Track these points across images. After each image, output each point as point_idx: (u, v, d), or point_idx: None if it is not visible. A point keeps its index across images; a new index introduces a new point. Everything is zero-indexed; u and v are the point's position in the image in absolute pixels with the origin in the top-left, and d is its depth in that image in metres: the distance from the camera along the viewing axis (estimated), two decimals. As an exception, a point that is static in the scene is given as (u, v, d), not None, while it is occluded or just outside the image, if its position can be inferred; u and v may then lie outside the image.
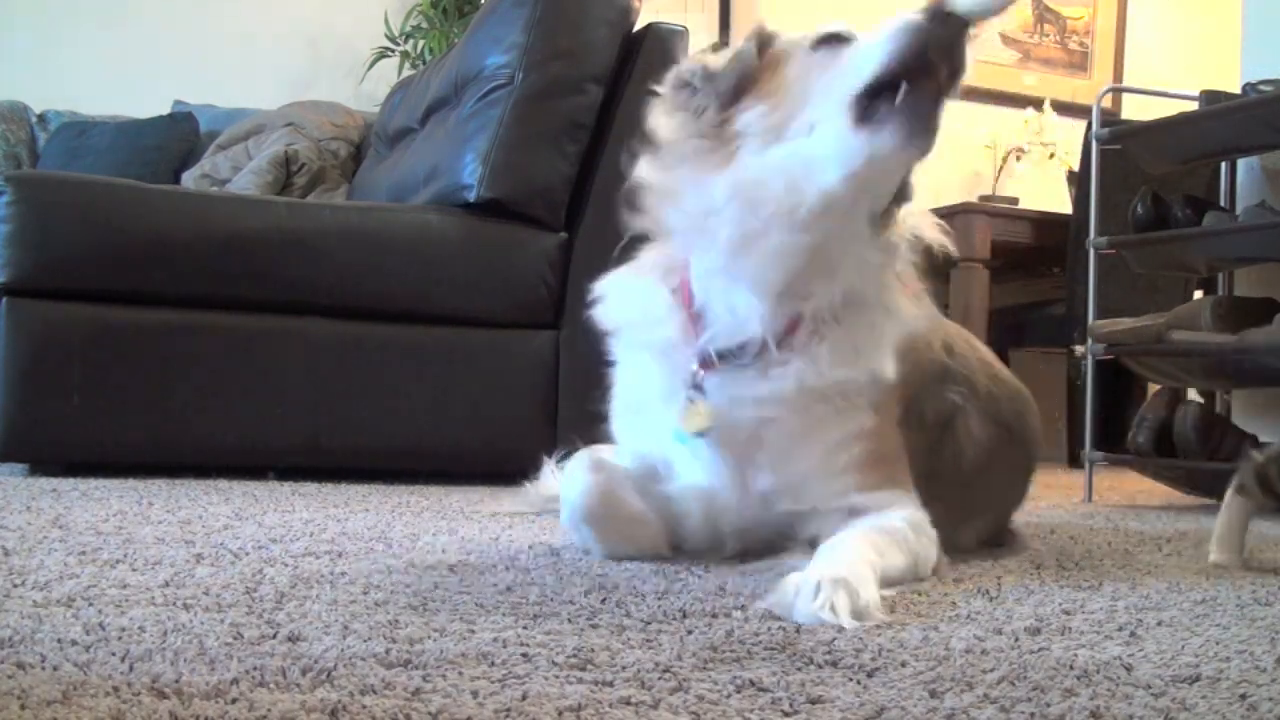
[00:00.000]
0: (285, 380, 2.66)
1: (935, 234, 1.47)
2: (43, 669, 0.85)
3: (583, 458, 1.51)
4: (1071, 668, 0.96)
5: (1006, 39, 5.71)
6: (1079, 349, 3.30)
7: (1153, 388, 3.59)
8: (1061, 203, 5.02)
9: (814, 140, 1.31)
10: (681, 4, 5.66)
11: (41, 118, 4.83)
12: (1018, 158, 5.34)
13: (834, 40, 1.34)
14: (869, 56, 1.28)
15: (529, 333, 2.82)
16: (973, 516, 1.63)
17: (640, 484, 1.47)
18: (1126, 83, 5.67)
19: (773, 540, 1.44)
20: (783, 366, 1.37)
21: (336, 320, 2.72)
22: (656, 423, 1.45)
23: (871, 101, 1.27)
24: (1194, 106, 3.20)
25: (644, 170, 1.43)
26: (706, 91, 1.38)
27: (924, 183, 1.40)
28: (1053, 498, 2.87)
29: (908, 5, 1.20)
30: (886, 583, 1.25)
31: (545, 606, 1.16)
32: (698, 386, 1.39)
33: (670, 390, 1.42)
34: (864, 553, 1.25)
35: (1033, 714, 0.82)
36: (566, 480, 1.50)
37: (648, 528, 1.46)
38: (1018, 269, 4.93)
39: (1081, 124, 4.52)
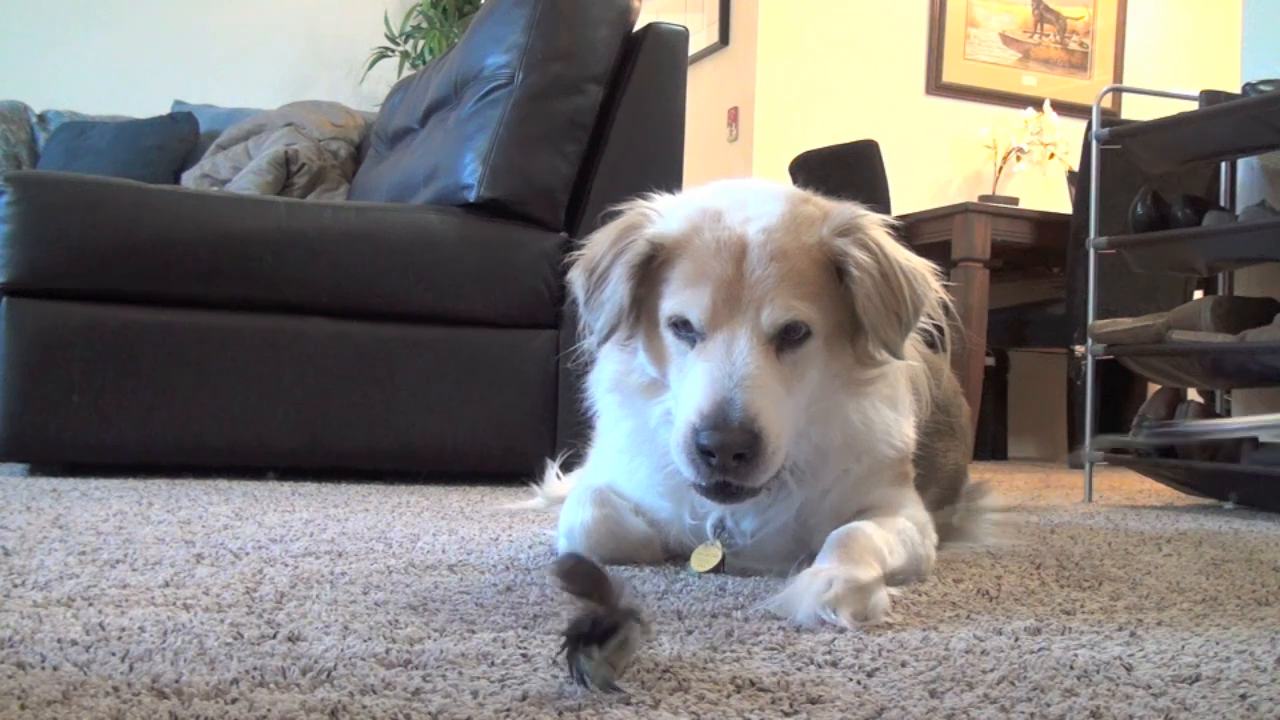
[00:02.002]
0: (285, 380, 2.66)
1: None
2: (43, 669, 0.85)
3: (583, 491, 1.52)
4: (1071, 668, 0.96)
5: (1006, 39, 5.71)
6: (1079, 349, 3.29)
7: (1153, 388, 3.58)
8: (1061, 203, 5.02)
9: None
10: (681, 4, 5.66)
11: (41, 118, 4.83)
12: (1018, 158, 5.34)
13: (682, 325, 1.28)
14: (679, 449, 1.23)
15: (529, 333, 2.82)
16: (928, 485, 1.65)
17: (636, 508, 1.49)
18: (1126, 83, 5.68)
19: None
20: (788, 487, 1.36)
21: (336, 320, 2.71)
22: (659, 511, 1.47)
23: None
24: (1194, 106, 3.20)
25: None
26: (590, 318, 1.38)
27: (925, 183, 1.39)
28: (1053, 498, 2.87)
29: (903, 7, 1.17)
30: (891, 582, 1.25)
31: (545, 606, 1.16)
32: (715, 526, 1.40)
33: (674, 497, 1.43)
34: (875, 551, 1.25)
35: (1033, 714, 0.82)
36: (569, 512, 1.50)
37: (651, 547, 1.47)
38: (1018, 269, 4.93)
39: (1081, 124, 4.52)
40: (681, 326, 1.28)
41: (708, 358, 1.24)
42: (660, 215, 1.35)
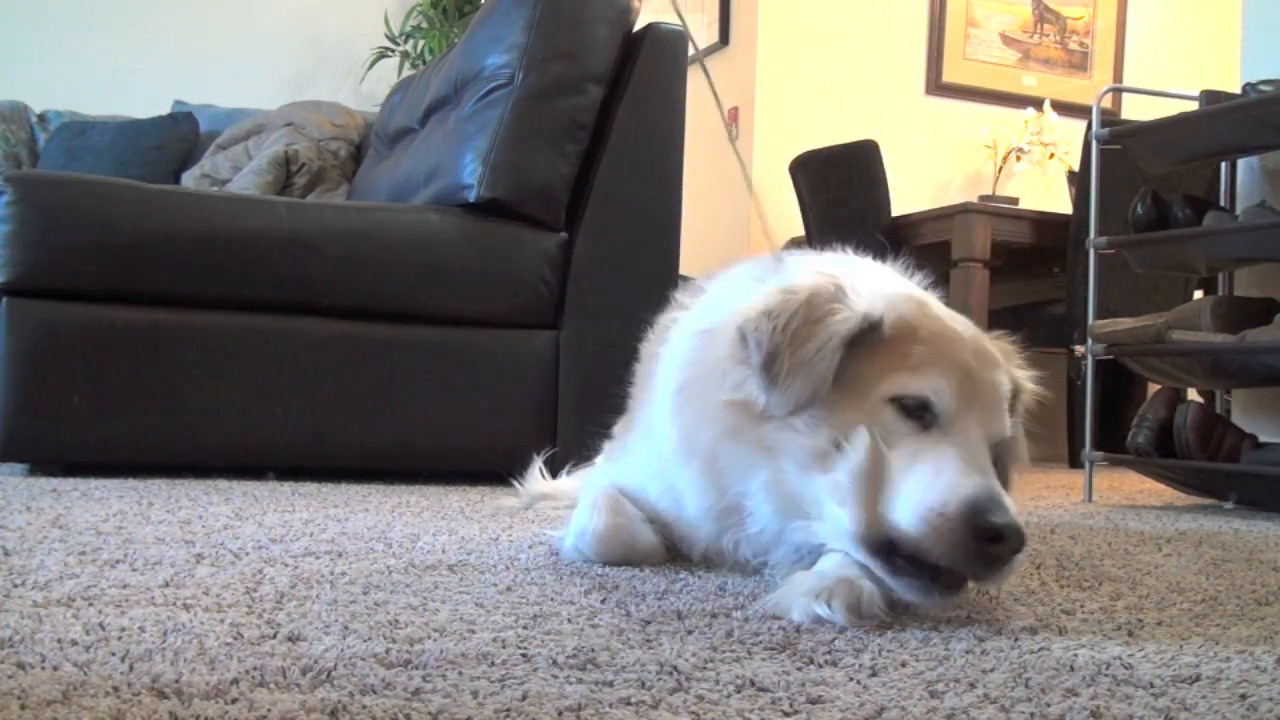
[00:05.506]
0: (285, 380, 2.66)
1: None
2: (43, 669, 0.85)
3: (598, 496, 1.52)
4: (1072, 668, 0.96)
5: (1006, 39, 5.71)
6: (1079, 349, 3.29)
7: (1153, 388, 3.58)
8: (1061, 203, 5.02)
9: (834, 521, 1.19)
10: (681, 4, 5.66)
11: (41, 118, 4.83)
12: (1018, 158, 5.34)
13: (917, 408, 1.19)
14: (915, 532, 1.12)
15: (529, 333, 2.82)
16: None
17: (649, 513, 1.49)
18: (1126, 83, 5.68)
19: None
20: None
21: (336, 320, 2.71)
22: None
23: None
24: (1194, 106, 3.19)
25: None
26: (756, 374, 1.24)
27: (925, 183, 1.38)
28: (1053, 498, 2.87)
29: (903, 7, 1.16)
30: None
31: (545, 606, 1.16)
32: None
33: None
34: None
35: (1033, 714, 0.82)
36: (582, 515, 1.50)
37: (657, 553, 1.48)
38: (1018, 269, 4.93)
39: (1081, 124, 4.52)
40: (915, 408, 1.21)
41: (957, 445, 1.17)
42: (853, 290, 1.27)
